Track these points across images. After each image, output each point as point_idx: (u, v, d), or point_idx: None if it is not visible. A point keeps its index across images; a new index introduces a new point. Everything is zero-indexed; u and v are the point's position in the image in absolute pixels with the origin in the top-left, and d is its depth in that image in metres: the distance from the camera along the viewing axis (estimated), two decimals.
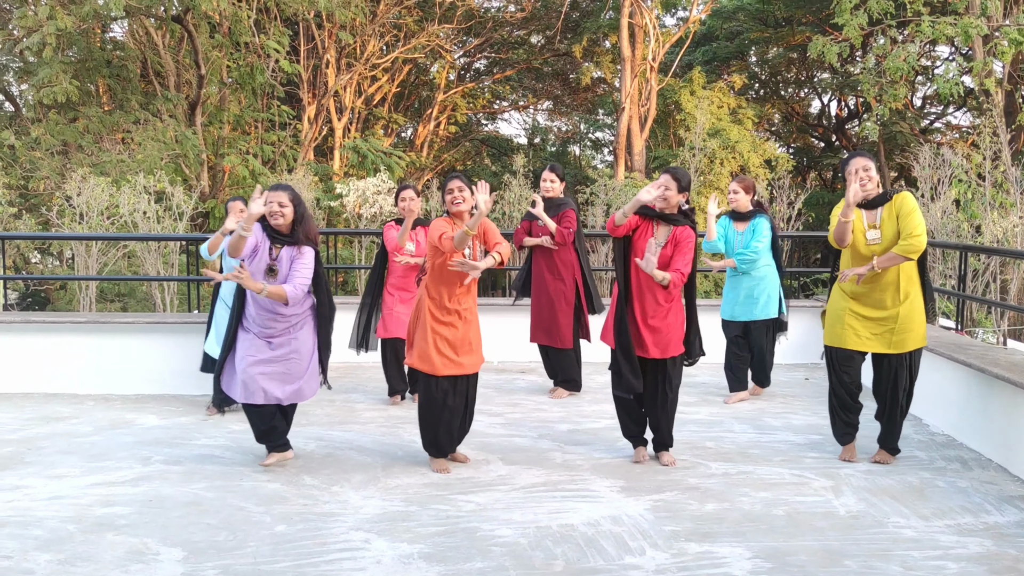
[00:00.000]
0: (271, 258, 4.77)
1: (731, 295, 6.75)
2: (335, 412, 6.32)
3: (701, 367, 7.83)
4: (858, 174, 4.79)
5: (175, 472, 4.92)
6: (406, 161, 18.67)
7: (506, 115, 30.18)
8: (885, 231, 4.82)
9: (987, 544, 3.97)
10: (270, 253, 4.78)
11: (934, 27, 13.13)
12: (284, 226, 4.76)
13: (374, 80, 22.70)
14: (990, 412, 5.34)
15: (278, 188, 4.77)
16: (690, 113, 18.47)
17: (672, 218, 4.89)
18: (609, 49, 23.63)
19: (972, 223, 9.47)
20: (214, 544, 3.90)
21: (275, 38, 17.62)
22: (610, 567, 3.69)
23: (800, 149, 25.34)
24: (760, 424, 6.05)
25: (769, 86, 24.96)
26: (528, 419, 6.16)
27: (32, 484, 4.70)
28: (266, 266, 4.76)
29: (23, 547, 3.85)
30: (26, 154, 15.39)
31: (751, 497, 4.55)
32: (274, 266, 4.77)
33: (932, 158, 9.91)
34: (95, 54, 16.64)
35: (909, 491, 4.67)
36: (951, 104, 20.92)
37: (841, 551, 3.86)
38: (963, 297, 7.16)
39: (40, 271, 14.76)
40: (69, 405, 6.55)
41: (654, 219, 4.91)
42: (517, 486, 4.70)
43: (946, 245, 8.51)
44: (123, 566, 3.66)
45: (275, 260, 4.77)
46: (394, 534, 4.02)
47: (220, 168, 17.42)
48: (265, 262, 4.76)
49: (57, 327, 7.05)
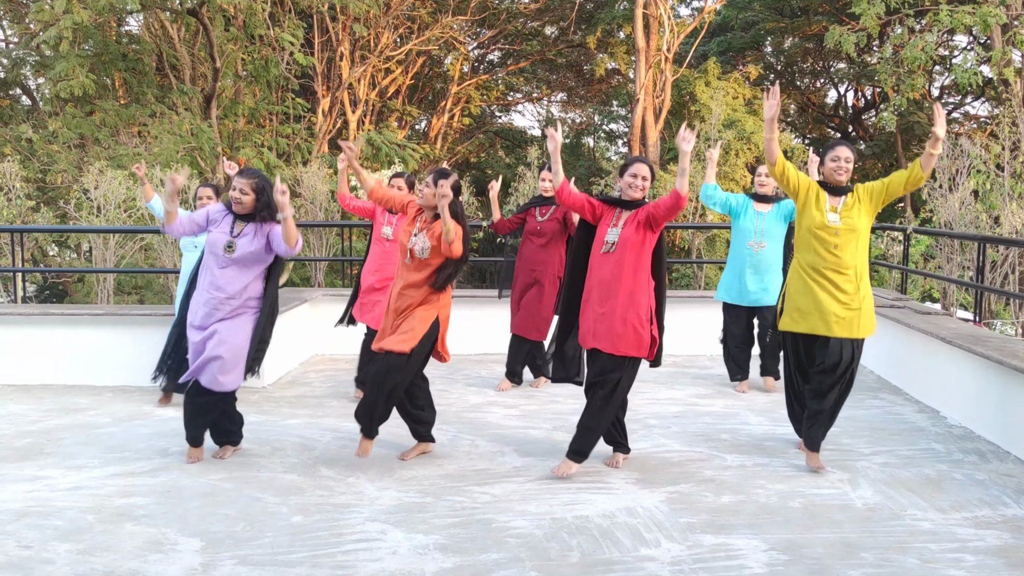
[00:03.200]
0: (231, 234, 4.81)
1: (736, 278, 6.58)
2: (350, 404, 6.34)
3: (716, 359, 7.81)
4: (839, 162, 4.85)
5: (192, 463, 4.96)
6: (420, 153, 18.67)
7: (520, 107, 30.18)
8: (845, 217, 4.79)
9: (1005, 537, 3.95)
10: (231, 228, 4.82)
11: (952, 16, 13.00)
12: (243, 211, 4.81)
13: (388, 72, 22.71)
14: (1008, 404, 5.30)
15: (244, 174, 4.85)
16: (705, 104, 18.38)
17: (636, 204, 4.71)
18: (623, 40, 23.54)
19: (991, 214, 9.38)
20: (231, 534, 3.93)
21: (289, 31, 17.65)
22: (625, 559, 3.69)
23: (816, 140, 25.18)
24: (776, 416, 6.03)
25: (785, 76, 24.80)
26: (543, 411, 6.16)
27: (51, 475, 4.75)
28: (225, 241, 4.79)
29: (43, 537, 3.89)
30: (43, 147, 15.51)
31: (767, 489, 4.54)
32: (232, 243, 4.78)
33: (950, 148, 9.82)
34: (111, 48, 16.73)
35: (926, 483, 4.65)
36: (969, 94, 20.73)
37: (858, 543, 3.85)
38: (981, 289, 7.10)
39: (58, 264, 14.87)
40: (87, 397, 6.61)
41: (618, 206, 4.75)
42: (532, 478, 4.70)
43: (964, 236, 8.43)
44: (142, 556, 3.69)
45: (235, 236, 4.80)
46: (410, 525, 4.03)
47: (235, 161, 17.48)
48: (225, 237, 4.80)
49: (75, 319, 7.10)
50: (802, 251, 4.90)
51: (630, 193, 4.69)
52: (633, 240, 4.61)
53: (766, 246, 6.49)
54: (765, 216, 6.53)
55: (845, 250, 4.77)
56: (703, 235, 12.73)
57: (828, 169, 4.90)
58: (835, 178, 4.88)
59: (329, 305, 7.83)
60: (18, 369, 7.05)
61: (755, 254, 6.51)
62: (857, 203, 4.83)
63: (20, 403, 6.41)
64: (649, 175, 4.72)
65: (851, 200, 4.84)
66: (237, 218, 4.84)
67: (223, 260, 4.78)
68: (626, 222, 4.67)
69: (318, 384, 7.02)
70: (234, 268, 4.77)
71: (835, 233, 4.78)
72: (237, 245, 4.77)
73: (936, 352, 6.28)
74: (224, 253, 4.77)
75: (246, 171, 4.87)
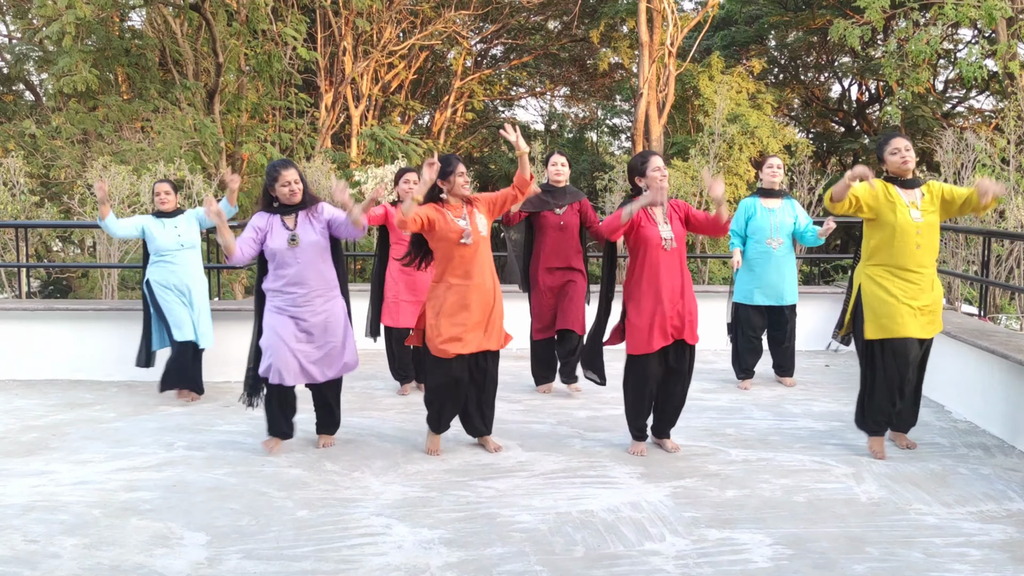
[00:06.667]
0: (289, 228, 4.84)
1: (756, 278, 6.52)
2: (355, 399, 6.36)
3: (722, 353, 7.81)
4: (900, 152, 4.76)
5: (198, 458, 4.97)
6: (423, 148, 18.65)
7: (523, 102, 30.10)
8: (925, 215, 4.72)
9: (1010, 531, 3.95)
10: (284, 225, 4.84)
11: (957, 9, 12.96)
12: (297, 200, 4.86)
13: (391, 67, 22.69)
14: (1013, 398, 5.29)
15: (282, 165, 4.87)
16: (708, 98, 18.32)
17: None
18: (627, 34, 23.48)
19: (996, 208, 9.36)
20: (237, 528, 3.94)
21: (292, 26, 17.64)
22: (630, 553, 3.69)
23: (820, 134, 25.09)
24: (780, 411, 6.03)
25: (789, 70, 24.73)
26: (547, 406, 6.16)
27: (57, 469, 4.76)
28: (288, 236, 4.81)
29: (49, 531, 3.90)
30: (47, 143, 15.51)
31: (771, 484, 4.54)
32: (295, 235, 4.81)
33: (955, 142, 9.80)
34: (114, 43, 16.73)
35: (931, 478, 4.64)
36: (974, 88, 20.66)
37: (863, 538, 3.85)
38: (986, 283, 7.08)
39: (62, 259, 14.88)
40: (93, 391, 6.62)
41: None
42: (537, 472, 4.71)
43: (969, 231, 8.42)
44: (148, 550, 3.71)
45: (293, 230, 4.83)
46: (415, 519, 4.04)
47: (238, 156, 17.49)
48: (286, 236, 4.82)
49: (79, 314, 7.11)
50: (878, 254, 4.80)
51: (663, 185, 4.76)
52: (682, 235, 4.90)
53: (784, 242, 6.46)
54: (776, 212, 6.49)
55: (926, 249, 4.73)
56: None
57: (892, 163, 4.79)
58: (903, 169, 4.77)
59: None
60: (23, 364, 7.07)
61: (775, 252, 6.46)
62: (932, 199, 4.76)
63: (26, 398, 6.43)
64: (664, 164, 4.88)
65: (928, 194, 4.77)
66: (284, 214, 4.86)
67: (290, 258, 4.80)
68: (670, 218, 4.87)
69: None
70: (303, 262, 4.81)
71: (917, 232, 4.71)
72: (299, 236, 4.81)
73: (941, 346, 6.26)
74: (289, 247, 4.79)
75: (283, 163, 4.88)
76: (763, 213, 6.51)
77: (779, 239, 6.45)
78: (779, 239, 6.45)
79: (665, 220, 4.85)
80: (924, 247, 4.71)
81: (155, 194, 6.30)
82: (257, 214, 4.91)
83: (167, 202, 6.28)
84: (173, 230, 6.24)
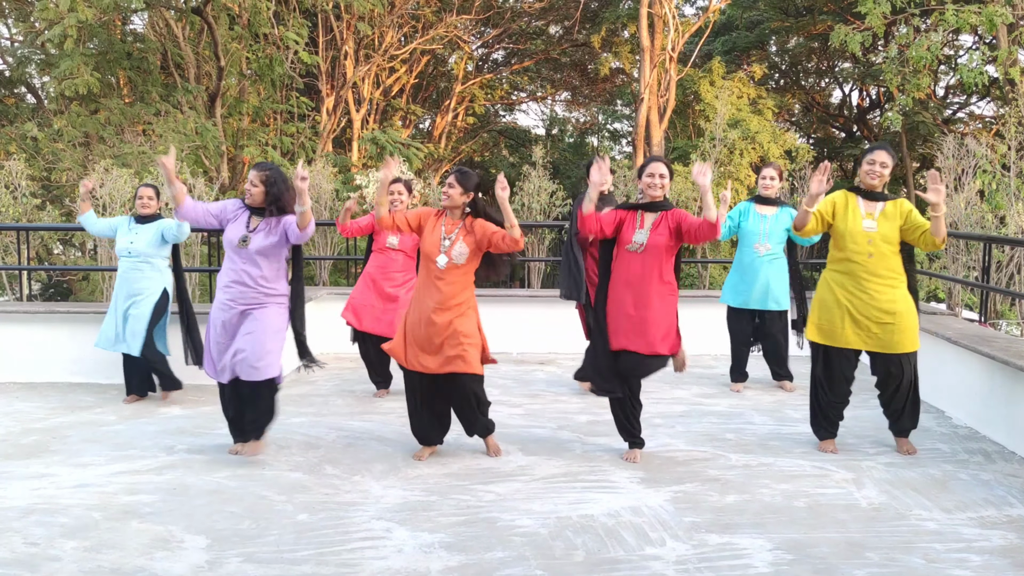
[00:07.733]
0: (247, 230, 4.86)
1: (742, 281, 6.57)
2: (355, 402, 6.36)
3: (720, 358, 7.81)
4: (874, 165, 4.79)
5: (198, 461, 4.97)
6: (424, 152, 18.69)
7: (524, 106, 30.18)
8: (881, 225, 4.76)
9: (1010, 537, 3.94)
10: (246, 223, 4.88)
11: (958, 15, 12.98)
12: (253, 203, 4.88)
13: (392, 71, 22.73)
14: (1014, 404, 5.29)
15: (258, 167, 4.91)
16: (709, 103, 18.35)
17: (660, 205, 4.74)
18: (628, 39, 23.52)
19: (996, 214, 9.36)
20: (237, 532, 3.94)
21: (294, 29, 17.67)
22: (630, 557, 3.69)
23: (821, 140, 25.13)
24: (780, 416, 6.03)
25: (789, 76, 24.77)
26: (547, 410, 6.16)
27: (57, 472, 4.76)
28: (240, 235, 4.84)
29: (49, 534, 3.90)
30: (48, 146, 15.53)
31: (772, 489, 4.53)
32: (247, 237, 4.83)
33: (956, 148, 9.80)
34: (116, 46, 16.76)
35: (931, 483, 4.64)
36: (975, 94, 20.68)
37: (863, 543, 3.85)
38: (987, 289, 7.08)
39: (63, 262, 14.89)
40: (93, 394, 6.62)
41: (639, 210, 4.79)
42: (537, 476, 4.71)
43: (970, 236, 8.41)
44: (148, 553, 3.70)
45: (250, 231, 4.85)
46: (415, 523, 4.04)
47: (240, 160, 17.51)
48: (240, 232, 4.85)
49: (80, 317, 7.11)
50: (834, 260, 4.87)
51: (651, 193, 4.71)
52: (664, 245, 4.67)
53: (771, 248, 6.50)
54: (769, 219, 6.55)
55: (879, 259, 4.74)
56: None
57: (863, 171, 4.83)
58: (867, 181, 4.81)
59: (333, 304, 7.82)
60: (24, 367, 7.07)
61: (761, 256, 6.51)
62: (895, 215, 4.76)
63: (26, 401, 6.43)
64: (667, 173, 4.75)
65: (894, 209, 4.77)
66: (252, 213, 4.90)
67: (235, 255, 4.86)
68: (654, 225, 4.70)
69: (323, 382, 7.02)
70: (251, 261, 4.83)
71: (869, 241, 4.74)
72: (251, 239, 4.83)
73: (942, 352, 6.27)
74: (238, 246, 4.83)
75: (260, 164, 4.93)
76: (755, 218, 6.58)
77: (767, 244, 6.50)
78: (767, 244, 6.50)
79: (650, 227, 4.71)
80: (878, 257, 4.76)
81: (137, 197, 6.30)
82: (237, 201, 5.00)
83: (148, 207, 6.29)
84: (130, 235, 6.25)
